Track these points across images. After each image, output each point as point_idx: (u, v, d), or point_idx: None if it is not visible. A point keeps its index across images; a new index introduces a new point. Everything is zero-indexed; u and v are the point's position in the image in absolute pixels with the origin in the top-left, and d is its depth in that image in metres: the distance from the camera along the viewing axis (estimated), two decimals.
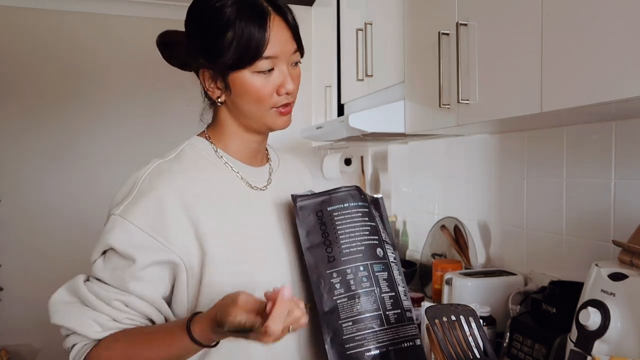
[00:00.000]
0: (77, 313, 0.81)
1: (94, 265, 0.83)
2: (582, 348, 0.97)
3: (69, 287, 0.84)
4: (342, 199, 0.90)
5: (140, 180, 0.85)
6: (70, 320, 0.81)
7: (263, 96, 0.85)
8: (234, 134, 0.92)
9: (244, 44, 0.81)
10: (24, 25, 3.12)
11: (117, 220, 0.81)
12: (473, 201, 1.88)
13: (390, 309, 0.84)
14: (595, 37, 0.91)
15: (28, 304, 3.12)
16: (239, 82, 0.85)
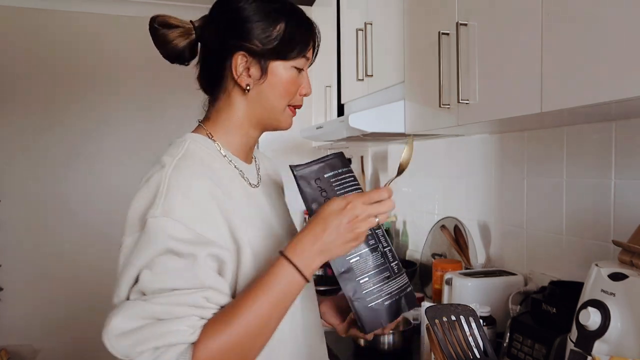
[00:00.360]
0: (158, 328, 0.71)
1: (145, 279, 0.73)
2: (582, 348, 0.97)
3: (125, 314, 0.72)
4: (334, 165, 0.93)
5: (166, 179, 0.79)
6: (155, 339, 0.70)
7: (291, 91, 0.90)
8: (239, 128, 0.92)
9: (296, 36, 0.88)
10: (28, 25, 3.12)
11: (161, 221, 0.74)
12: (473, 201, 1.88)
13: (392, 261, 0.92)
14: (595, 37, 0.91)
15: (28, 304, 3.12)
16: (276, 71, 0.88)
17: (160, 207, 0.75)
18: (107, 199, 3.28)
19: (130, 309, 0.72)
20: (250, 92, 0.89)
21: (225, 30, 0.88)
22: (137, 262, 0.74)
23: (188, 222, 0.75)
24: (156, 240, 0.74)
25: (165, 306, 0.72)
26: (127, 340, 0.71)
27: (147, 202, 0.77)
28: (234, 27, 0.87)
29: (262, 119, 0.92)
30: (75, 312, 3.20)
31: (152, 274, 0.73)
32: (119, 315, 0.72)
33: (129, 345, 0.71)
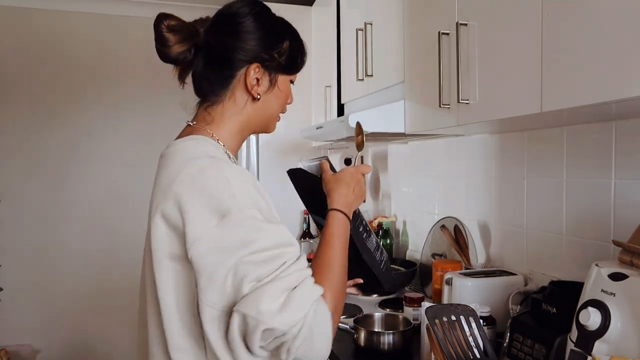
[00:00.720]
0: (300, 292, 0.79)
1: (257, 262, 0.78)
2: (582, 348, 0.97)
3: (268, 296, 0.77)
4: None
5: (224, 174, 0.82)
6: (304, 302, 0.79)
7: (286, 101, 1.03)
8: (241, 132, 0.99)
9: (298, 54, 1.01)
10: (28, 25, 3.12)
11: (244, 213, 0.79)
12: (473, 201, 1.88)
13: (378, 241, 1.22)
14: (595, 37, 0.91)
15: (28, 304, 3.13)
16: (281, 83, 0.99)
17: (237, 199, 0.79)
18: (107, 198, 3.28)
19: (269, 289, 0.77)
20: (259, 99, 0.96)
21: (238, 43, 0.93)
22: (239, 255, 0.77)
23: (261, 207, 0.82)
24: (249, 229, 0.78)
25: (293, 274, 0.79)
26: (286, 314, 0.76)
27: (218, 198, 0.79)
28: (248, 41, 0.93)
29: (259, 123, 1.01)
30: (75, 312, 3.20)
31: (263, 257, 0.78)
32: (263, 300, 0.76)
33: (290, 316, 0.76)
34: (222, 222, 0.78)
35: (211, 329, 0.79)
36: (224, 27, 0.95)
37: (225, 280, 0.77)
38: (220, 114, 0.96)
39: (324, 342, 0.81)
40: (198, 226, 0.78)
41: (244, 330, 0.76)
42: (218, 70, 0.95)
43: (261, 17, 0.96)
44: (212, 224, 0.78)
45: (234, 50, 0.93)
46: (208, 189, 0.80)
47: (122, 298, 3.22)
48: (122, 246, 3.24)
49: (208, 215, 0.79)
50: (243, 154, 3.01)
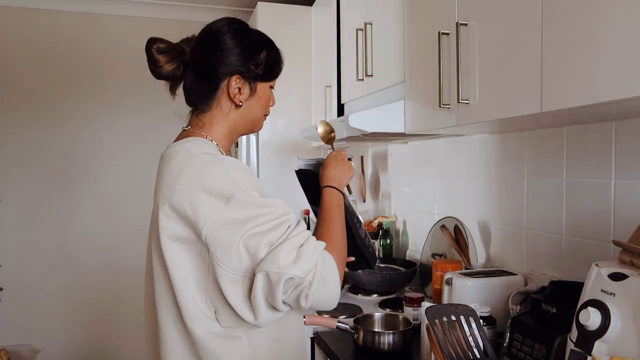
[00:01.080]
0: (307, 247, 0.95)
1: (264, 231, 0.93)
2: (582, 348, 0.97)
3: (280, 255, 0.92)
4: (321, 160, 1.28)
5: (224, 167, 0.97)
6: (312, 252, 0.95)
7: (268, 105, 1.15)
8: (229, 134, 1.12)
9: (274, 63, 1.12)
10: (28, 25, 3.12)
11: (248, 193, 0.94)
12: (473, 201, 1.88)
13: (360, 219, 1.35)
14: (595, 37, 0.91)
15: (28, 304, 3.13)
16: (261, 90, 1.11)
17: (240, 185, 0.94)
18: (107, 198, 3.28)
19: (283, 249, 0.92)
20: (241, 106, 1.09)
21: (220, 58, 1.06)
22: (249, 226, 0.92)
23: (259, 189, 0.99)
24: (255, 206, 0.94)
25: (299, 235, 0.96)
26: (301, 263, 0.92)
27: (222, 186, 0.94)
28: (228, 56, 1.06)
29: (245, 126, 1.14)
30: (75, 312, 3.21)
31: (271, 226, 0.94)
32: (280, 256, 0.91)
33: (304, 264, 0.92)
34: (228, 203, 0.92)
35: (232, 292, 0.93)
36: (207, 45, 1.08)
37: (239, 250, 0.92)
38: (210, 120, 1.09)
39: (334, 285, 0.96)
40: (207, 211, 0.92)
41: (268, 287, 0.91)
42: (204, 83, 1.08)
43: (239, 34, 1.08)
44: (219, 206, 0.92)
45: (216, 65, 1.06)
46: (211, 179, 0.94)
47: (123, 297, 3.22)
48: (122, 245, 3.24)
49: (214, 200, 0.92)
50: (243, 153, 3.01)
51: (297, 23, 2.78)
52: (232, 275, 0.93)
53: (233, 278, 0.93)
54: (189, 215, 0.93)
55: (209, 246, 0.93)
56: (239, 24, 1.10)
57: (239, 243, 0.91)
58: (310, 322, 1.59)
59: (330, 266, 0.97)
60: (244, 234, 0.92)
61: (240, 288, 0.94)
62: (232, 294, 0.94)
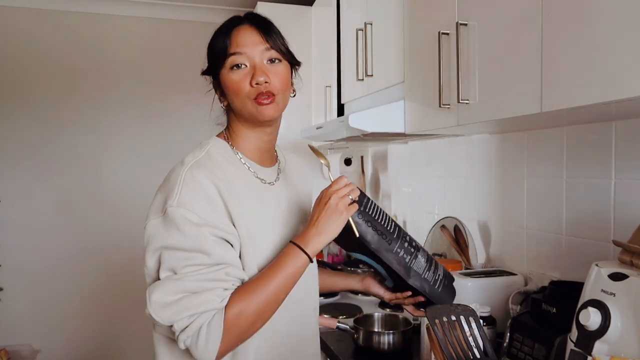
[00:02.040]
0: (193, 300, 0.89)
1: (170, 258, 0.91)
2: (582, 348, 0.97)
3: (163, 290, 0.89)
4: (364, 196, 1.04)
5: (182, 175, 0.95)
6: (192, 307, 0.88)
7: (239, 89, 1.00)
8: (243, 134, 1.06)
9: (216, 49, 1.03)
10: (29, 26, 3.12)
11: (178, 210, 0.91)
12: (473, 201, 1.88)
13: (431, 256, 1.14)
14: (595, 37, 0.91)
15: (28, 304, 3.12)
16: (223, 81, 1.03)
17: (177, 199, 0.91)
18: (107, 198, 3.28)
19: (167, 285, 0.89)
20: (229, 107, 1.06)
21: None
22: (159, 244, 0.91)
23: (200, 212, 0.92)
24: (172, 226, 0.90)
25: (195, 282, 0.89)
26: (169, 311, 0.88)
27: (167, 193, 0.94)
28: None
29: (245, 120, 1.05)
30: (75, 312, 3.20)
31: (175, 254, 0.90)
32: (158, 292, 0.89)
33: (169, 315, 0.88)
34: (163, 214, 0.92)
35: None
36: None
37: (150, 259, 0.92)
38: (229, 121, 1.09)
39: (207, 352, 0.89)
40: (152, 211, 0.95)
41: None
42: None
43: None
44: (158, 213, 0.93)
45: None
46: (167, 186, 0.95)
47: (123, 297, 3.22)
48: (122, 246, 3.24)
49: (160, 206, 0.94)
50: None
51: (297, 23, 2.77)
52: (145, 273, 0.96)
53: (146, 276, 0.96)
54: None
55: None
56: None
57: (151, 257, 0.93)
58: None
59: (213, 330, 0.89)
60: (158, 251, 0.92)
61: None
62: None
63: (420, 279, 1.08)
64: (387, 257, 1.03)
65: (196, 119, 1.36)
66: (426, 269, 1.09)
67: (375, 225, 1.03)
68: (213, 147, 1.04)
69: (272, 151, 1.14)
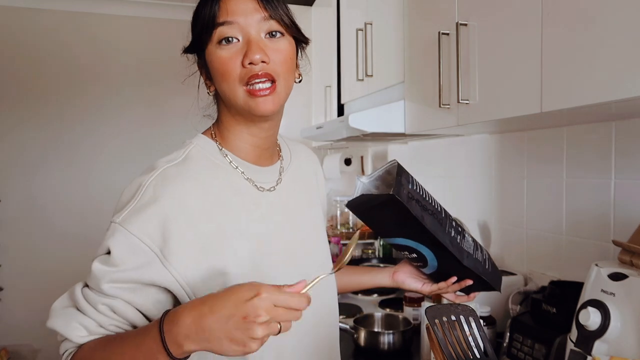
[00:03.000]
0: (68, 317, 0.79)
1: (93, 270, 0.77)
2: (582, 348, 0.97)
3: (69, 292, 0.82)
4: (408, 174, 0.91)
5: (144, 188, 0.78)
6: (60, 324, 0.80)
7: (227, 70, 0.79)
8: (233, 128, 0.87)
9: (201, 18, 0.81)
10: (28, 25, 3.12)
11: (117, 228, 0.77)
12: (473, 201, 1.88)
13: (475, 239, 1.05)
14: (595, 37, 0.91)
15: (28, 304, 3.13)
16: (209, 60, 0.82)
17: (124, 214, 0.77)
18: (107, 198, 3.28)
19: (72, 290, 0.81)
20: (216, 92, 0.85)
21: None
22: (96, 255, 0.80)
23: (143, 237, 0.75)
24: (106, 241, 0.77)
25: (82, 299, 0.78)
26: (53, 315, 0.83)
27: (121, 205, 0.79)
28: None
29: (237, 113, 0.84)
30: None
31: (93, 270, 0.77)
32: (67, 292, 0.83)
33: (52, 319, 0.82)
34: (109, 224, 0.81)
35: None
36: None
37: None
38: (215, 112, 0.91)
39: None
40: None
41: None
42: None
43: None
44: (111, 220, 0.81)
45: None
46: (125, 192, 0.81)
47: None
48: None
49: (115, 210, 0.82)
50: None
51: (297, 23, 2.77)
52: None
53: None
54: None
55: None
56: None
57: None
58: None
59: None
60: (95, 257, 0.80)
61: None
62: None
63: (472, 260, 0.99)
64: (443, 238, 0.92)
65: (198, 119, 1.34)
66: (474, 248, 1.02)
67: (425, 204, 0.91)
68: (195, 148, 0.85)
69: (272, 147, 0.93)
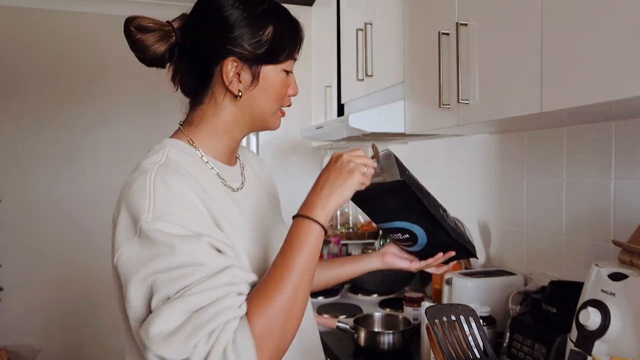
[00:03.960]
0: (205, 314, 0.70)
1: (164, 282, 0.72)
2: (582, 348, 0.97)
3: (162, 318, 0.70)
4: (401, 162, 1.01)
5: (149, 184, 0.77)
6: (207, 325, 0.70)
7: (282, 93, 0.91)
8: (226, 133, 0.91)
9: (285, 39, 0.88)
10: (27, 25, 3.12)
11: (157, 225, 0.74)
12: (473, 201, 1.88)
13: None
14: (595, 37, 0.91)
15: (28, 304, 3.12)
16: (267, 76, 0.88)
17: (152, 212, 0.74)
18: (107, 199, 3.27)
19: (166, 310, 0.70)
20: (241, 97, 0.88)
21: (212, 36, 0.86)
22: (147, 271, 0.73)
23: (181, 223, 0.75)
24: (155, 244, 0.73)
25: (201, 294, 0.71)
26: (175, 340, 0.68)
27: (134, 210, 0.76)
28: (221, 33, 0.85)
29: (251, 122, 0.92)
30: (75, 312, 3.20)
31: (169, 276, 0.72)
32: (155, 322, 0.69)
33: (179, 344, 0.68)
34: (138, 234, 0.74)
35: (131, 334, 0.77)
36: (197, 21, 0.88)
37: (136, 294, 0.73)
38: (200, 117, 0.90)
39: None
40: (121, 237, 0.76)
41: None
42: (195, 68, 0.89)
43: (236, 3, 0.86)
44: (130, 235, 0.75)
45: (205, 45, 0.86)
46: (131, 201, 0.76)
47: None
48: None
49: (129, 226, 0.76)
50: None
51: None
52: (131, 321, 0.76)
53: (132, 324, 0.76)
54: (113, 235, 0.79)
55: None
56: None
57: (136, 286, 0.73)
58: None
59: (244, 347, 0.70)
60: (143, 276, 0.73)
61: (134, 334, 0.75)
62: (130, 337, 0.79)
63: (457, 233, 1.08)
64: (439, 217, 1.00)
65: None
66: (454, 222, 1.10)
67: (421, 187, 1.01)
68: (171, 149, 0.87)
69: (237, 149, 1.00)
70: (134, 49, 0.87)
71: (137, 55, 0.88)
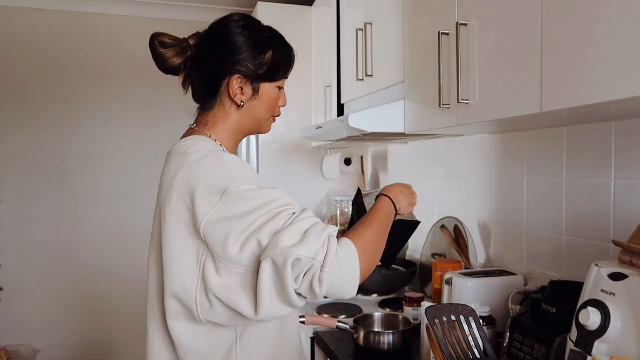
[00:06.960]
0: (314, 232, 0.89)
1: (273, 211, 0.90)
2: (582, 348, 0.97)
3: (287, 235, 0.88)
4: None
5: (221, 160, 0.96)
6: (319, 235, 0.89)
7: (275, 105, 1.13)
8: (233, 134, 1.11)
9: (281, 63, 1.09)
10: (26, 25, 3.12)
11: (245, 186, 0.92)
12: (473, 201, 1.88)
13: None
14: (595, 38, 0.91)
15: (28, 304, 3.12)
16: (265, 91, 1.09)
17: (235, 179, 0.92)
18: (107, 198, 3.28)
19: (285, 234, 0.87)
20: (243, 106, 1.08)
21: (221, 56, 1.05)
22: (247, 221, 0.89)
23: (258, 183, 0.96)
24: (249, 200, 0.90)
25: (305, 220, 0.91)
26: (304, 244, 0.87)
27: (218, 181, 0.92)
28: (229, 54, 1.04)
29: (250, 127, 1.12)
30: (75, 312, 3.20)
31: (272, 215, 0.90)
32: (282, 240, 0.86)
33: (309, 243, 0.87)
34: (224, 197, 0.90)
35: (231, 286, 0.90)
36: (210, 41, 1.07)
37: (239, 243, 0.88)
38: (212, 119, 1.09)
39: (350, 268, 0.90)
40: (205, 206, 0.90)
41: (275, 273, 0.86)
42: (207, 81, 1.07)
43: (244, 31, 1.05)
44: (215, 201, 0.90)
45: (217, 63, 1.05)
46: (209, 174, 0.93)
47: (123, 297, 3.22)
48: (122, 246, 3.24)
49: (211, 195, 0.91)
50: (243, 154, 3.01)
51: (297, 23, 2.77)
52: (233, 269, 0.89)
53: (234, 271, 0.89)
54: (190, 211, 0.92)
55: (207, 242, 0.90)
56: (246, 21, 1.08)
57: (238, 237, 0.88)
58: (310, 322, 1.58)
59: (348, 251, 0.91)
60: (244, 227, 0.88)
61: (241, 282, 0.89)
62: (230, 288, 0.90)
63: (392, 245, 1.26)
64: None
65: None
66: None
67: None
68: (204, 142, 1.03)
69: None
70: (155, 60, 1.06)
71: (157, 65, 1.07)
